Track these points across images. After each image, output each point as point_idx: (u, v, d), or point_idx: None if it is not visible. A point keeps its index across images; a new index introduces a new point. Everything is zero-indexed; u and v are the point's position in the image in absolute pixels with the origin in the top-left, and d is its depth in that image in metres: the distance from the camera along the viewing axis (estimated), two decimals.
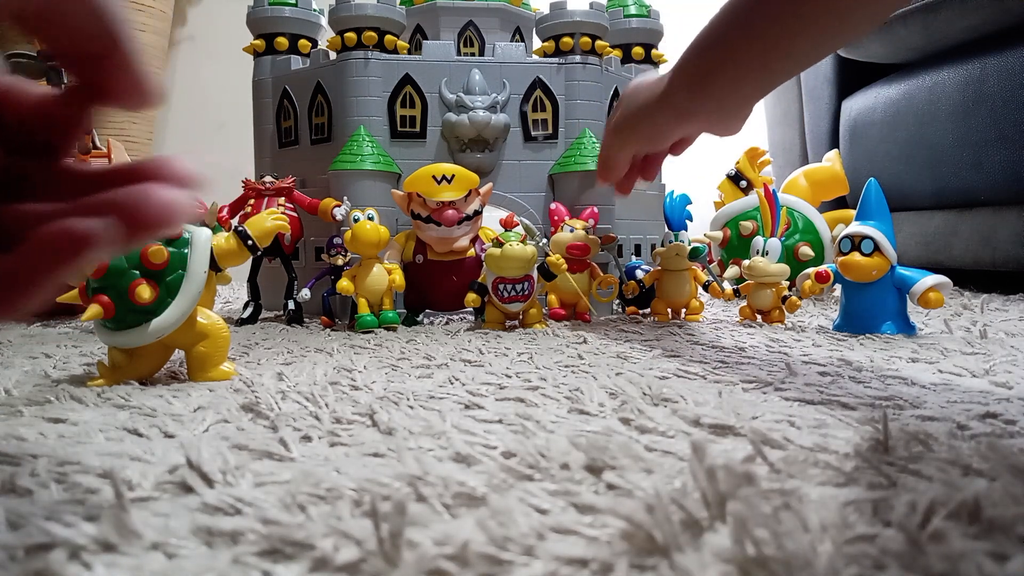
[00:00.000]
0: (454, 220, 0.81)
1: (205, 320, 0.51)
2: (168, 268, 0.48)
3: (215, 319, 0.51)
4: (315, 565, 0.20)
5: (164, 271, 0.48)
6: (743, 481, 0.22)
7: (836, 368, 0.50)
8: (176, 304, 0.48)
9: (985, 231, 1.12)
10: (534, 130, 0.93)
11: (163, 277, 0.48)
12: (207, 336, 0.50)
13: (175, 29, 1.89)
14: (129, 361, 0.50)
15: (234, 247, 0.53)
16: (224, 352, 0.52)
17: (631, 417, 0.36)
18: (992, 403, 0.39)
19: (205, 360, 0.51)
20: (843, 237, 0.69)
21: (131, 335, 0.48)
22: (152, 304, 0.47)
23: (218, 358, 0.51)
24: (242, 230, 0.54)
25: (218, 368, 0.51)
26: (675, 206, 0.92)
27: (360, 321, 0.78)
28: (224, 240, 0.53)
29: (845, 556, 0.20)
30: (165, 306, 0.48)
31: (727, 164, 1.19)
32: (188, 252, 0.49)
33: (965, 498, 0.22)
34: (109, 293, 0.47)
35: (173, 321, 0.48)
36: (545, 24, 0.95)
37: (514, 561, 0.20)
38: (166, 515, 0.24)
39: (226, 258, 0.53)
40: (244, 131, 1.12)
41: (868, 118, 1.37)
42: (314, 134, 0.96)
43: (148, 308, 0.47)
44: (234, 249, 0.53)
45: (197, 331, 0.50)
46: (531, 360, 0.56)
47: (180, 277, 0.49)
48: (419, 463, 0.28)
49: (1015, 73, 1.03)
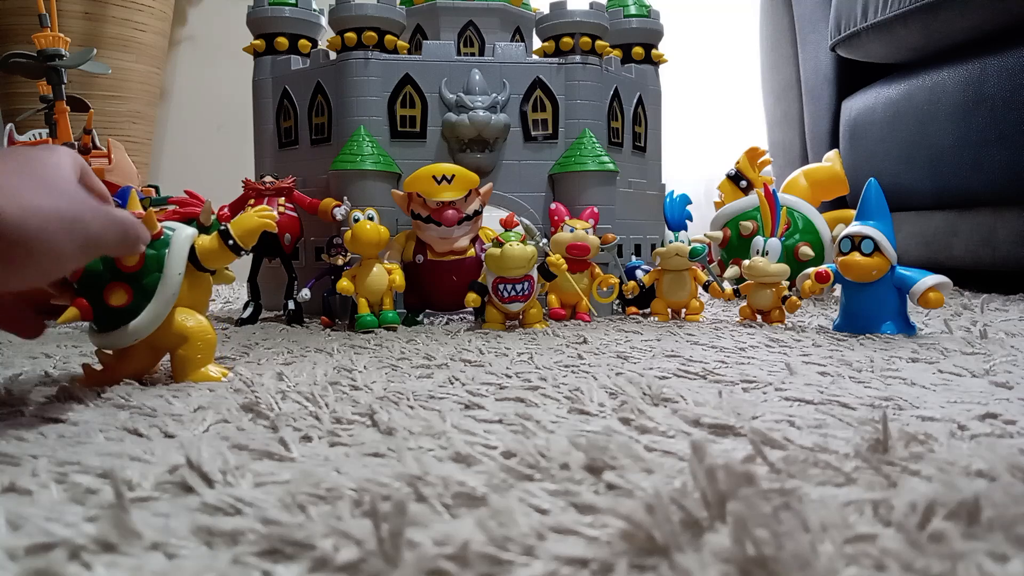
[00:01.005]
0: (454, 220, 0.81)
1: (189, 322, 0.50)
2: (143, 270, 0.47)
3: (199, 321, 0.50)
4: (315, 565, 0.20)
5: (139, 273, 0.47)
6: (743, 481, 0.22)
7: (836, 368, 0.50)
8: (151, 307, 0.47)
9: (985, 231, 1.12)
10: (534, 130, 0.93)
11: (139, 279, 0.47)
12: (187, 339, 0.49)
13: (175, 29, 1.89)
14: (118, 362, 0.49)
15: (216, 247, 0.51)
16: (208, 354, 0.50)
17: (631, 417, 0.36)
18: (992, 403, 0.39)
19: (185, 363, 0.50)
20: (843, 237, 0.69)
21: (112, 337, 0.47)
22: (130, 306, 0.47)
23: (200, 361, 0.50)
24: (224, 229, 0.52)
25: (200, 371, 0.50)
26: (675, 206, 0.92)
27: (360, 321, 0.78)
28: (208, 240, 0.51)
29: (845, 556, 0.20)
30: (142, 308, 0.47)
31: (727, 164, 1.19)
32: (166, 253, 0.48)
33: (965, 498, 0.22)
34: (88, 296, 0.46)
35: (147, 324, 0.47)
36: (545, 24, 0.95)
37: (514, 561, 0.20)
38: (166, 515, 0.24)
39: (210, 259, 0.51)
40: (244, 131, 1.12)
41: (868, 118, 1.37)
42: (314, 134, 0.96)
43: (127, 309, 0.47)
44: (216, 249, 0.51)
45: (176, 333, 0.49)
46: (531, 360, 0.56)
47: (157, 279, 0.48)
48: (419, 463, 0.28)
49: (1015, 73, 1.03)
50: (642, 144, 1.05)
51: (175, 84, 1.97)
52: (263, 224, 0.54)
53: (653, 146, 1.08)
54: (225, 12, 1.85)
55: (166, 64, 1.84)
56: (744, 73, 1.95)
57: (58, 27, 1.01)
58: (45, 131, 1.03)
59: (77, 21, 1.52)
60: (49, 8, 0.99)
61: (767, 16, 1.77)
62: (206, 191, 0.81)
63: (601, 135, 0.95)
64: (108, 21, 1.57)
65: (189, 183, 1.02)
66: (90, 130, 0.97)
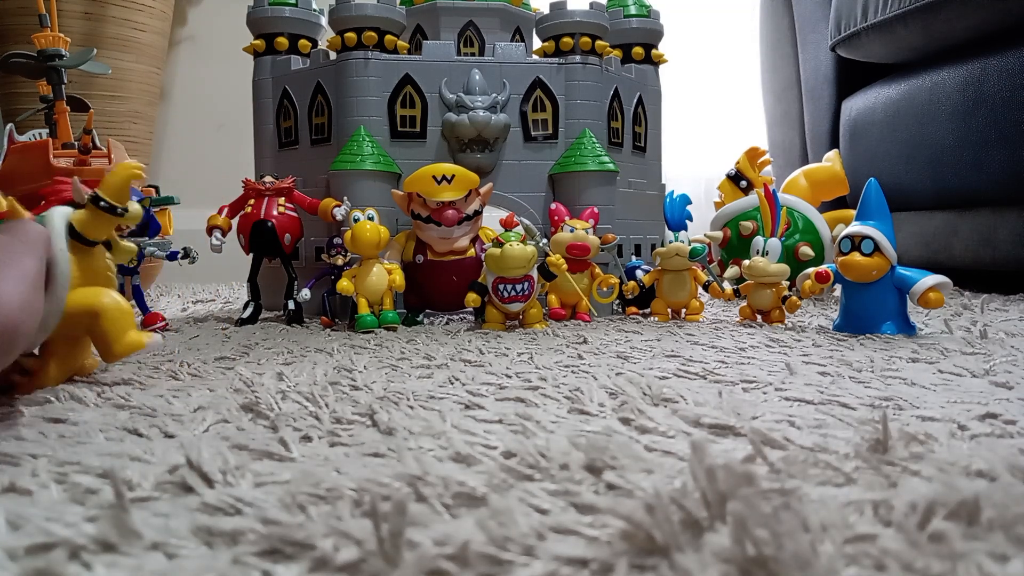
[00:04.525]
0: (454, 220, 0.81)
1: (92, 298, 0.46)
2: None
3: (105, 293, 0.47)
4: (315, 565, 0.20)
5: None
6: (743, 481, 0.22)
7: (836, 368, 0.50)
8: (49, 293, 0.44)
9: (985, 231, 1.12)
10: (534, 130, 0.93)
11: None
12: (98, 313, 0.46)
13: (175, 29, 1.89)
14: (43, 362, 0.47)
15: (91, 215, 0.48)
16: (125, 322, 0.47)
17: (631, 417, 0.36)
18: (992, 403, 0.39)
19: (105, 338, 0.46)
20: (843, 237, 0.69)
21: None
22: None
23: (119, 331, 0.46)
24: (92, 193, 0.48)
25: (123, 341, 0.46)
26: (675, 206, 0.92)
27: (360, 321, 0.78)
28: (82, 212, 0.48)
29: (845, 556, 0.20)
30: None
31: (727, 164, 1.19)
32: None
33: (965, 498, 0.22)
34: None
35: (54, 310, 0.44)
36: (545, 24, 0.95)
37: (514, 561, 0.20)
38: (166, 515, 0.24)
39: (89, 227, 0.48)
40: (244, 131, 1.12)
41: (868, 118, 1.37)
42: (314, 134, 0.96)
43: None
44: (91, 216, 0.48)
45: (84, 312, 0.45)
46: (531, 360, 0.56)
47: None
48: (419, 463, 0.28)
49: (1015, 73, 1.03)
50: (642, 144, 1.05)
51: (175, 84, 1.97)
52: (130, 175, 0.50)
53: (653, 146, 1.08)
54: (225, 12, 1.85)
55: (166, 64, 1.83)
56: (744, 73, 1.95)
57: (58, 27, 1.01)
58: (45, 131, 1.03)
59: (77, 21, 1.52)
60: (49, 8, 0.99)
61: (767, 16, 1.77)
62: (206, 191, 0.81)
63: (601, 135, 0.95)
64: (108, 21, 1.57)
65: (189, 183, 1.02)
66: (90, 130, 0.97)
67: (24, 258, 0.40)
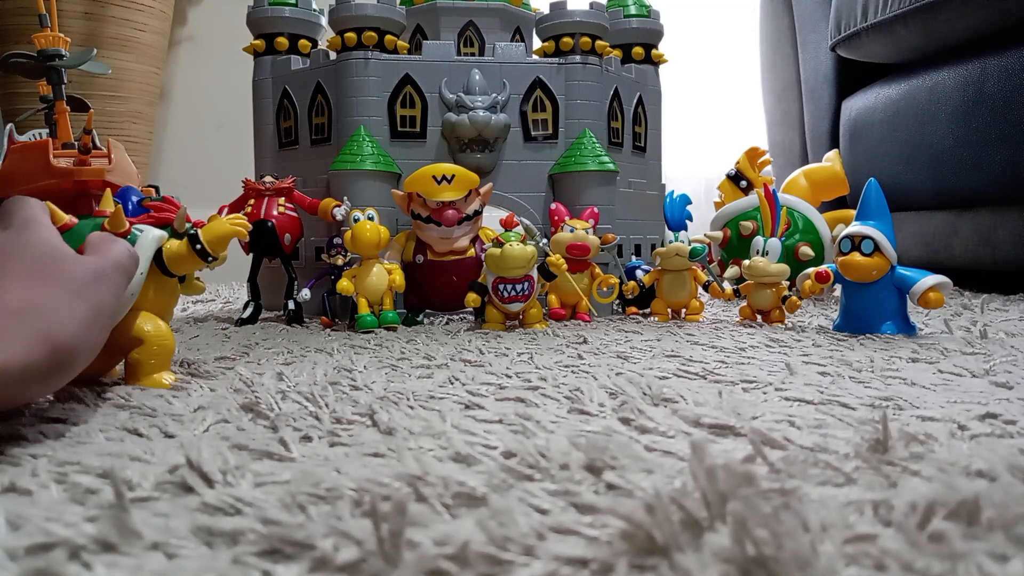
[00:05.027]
0: (454, 220, 0.81)
1: (147, 326, 0.48)
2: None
3: (158, 326, 0.48)
4: (315, 565, 0.20)
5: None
6: (743, 481, 0.22)
7: (836, 368, 0.50)
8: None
9: (985, 231, 1.12)
10: (534, 130, 0.93)
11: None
12: (143, 343, 0.47)
13: (175, 29, 1.89)
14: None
15: (183, 251, 0.49)
16: (163, 361, 0.48)
17: (631, 417, 0.36)
18: (992, 403, 0.39)
19: (138, 367, 0.48)
20: (843, 237, 0.69)
21: None
22: None
23: (153, 367, 0.48)
24: (193, 233, 0.50)
25: (152, 376, 0.48)
26: (675, 206, 0.92)
27: (360, 321, 0.78)
28: (177, 244, 0.49)
29: (845, 556, 0.20)
30: None
31: (727, 164, 1.19)
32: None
33: (965, 498, 0.22)
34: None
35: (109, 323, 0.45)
36: (545, 24, 0.95)
37: (514, 561, 0.20)
38: (166, 515, 0.24)
39: (177, 263, 0.49)
40: (244, 131, 1.12)
41: (868, 118, 1.37)
42: (314, 134, 0.96)
43: None
44: (183, 254, 0.49)
45: (133, 336, 0.47)
46: (531, 360, 0.56)
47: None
48: (419, 463, 0.28)
49: (1015, 73, 1.03)
50: (642, 144, 1.05)
51: (175, 84, 1.97)
52: (234, 231, 0.51)
53: (653, 146, 1.08)
54: (225, 12, 1.85)
55: (166, 64, 1.83)
56: (744, 73, 1.95)
57: (58, 27, 1.01)
58: (45, 131, 1.03)
59: (77, 21, 1.52)
60: (49, 8, 0.98)
61: (767, 16, 1.77)
62: (206, 191, 0.81)
63: (601, 135, 0.95)
64: (108, 21, 1.57)
65: (189, 183, 1.02)
66: (90, 130, 0.97)
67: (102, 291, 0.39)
